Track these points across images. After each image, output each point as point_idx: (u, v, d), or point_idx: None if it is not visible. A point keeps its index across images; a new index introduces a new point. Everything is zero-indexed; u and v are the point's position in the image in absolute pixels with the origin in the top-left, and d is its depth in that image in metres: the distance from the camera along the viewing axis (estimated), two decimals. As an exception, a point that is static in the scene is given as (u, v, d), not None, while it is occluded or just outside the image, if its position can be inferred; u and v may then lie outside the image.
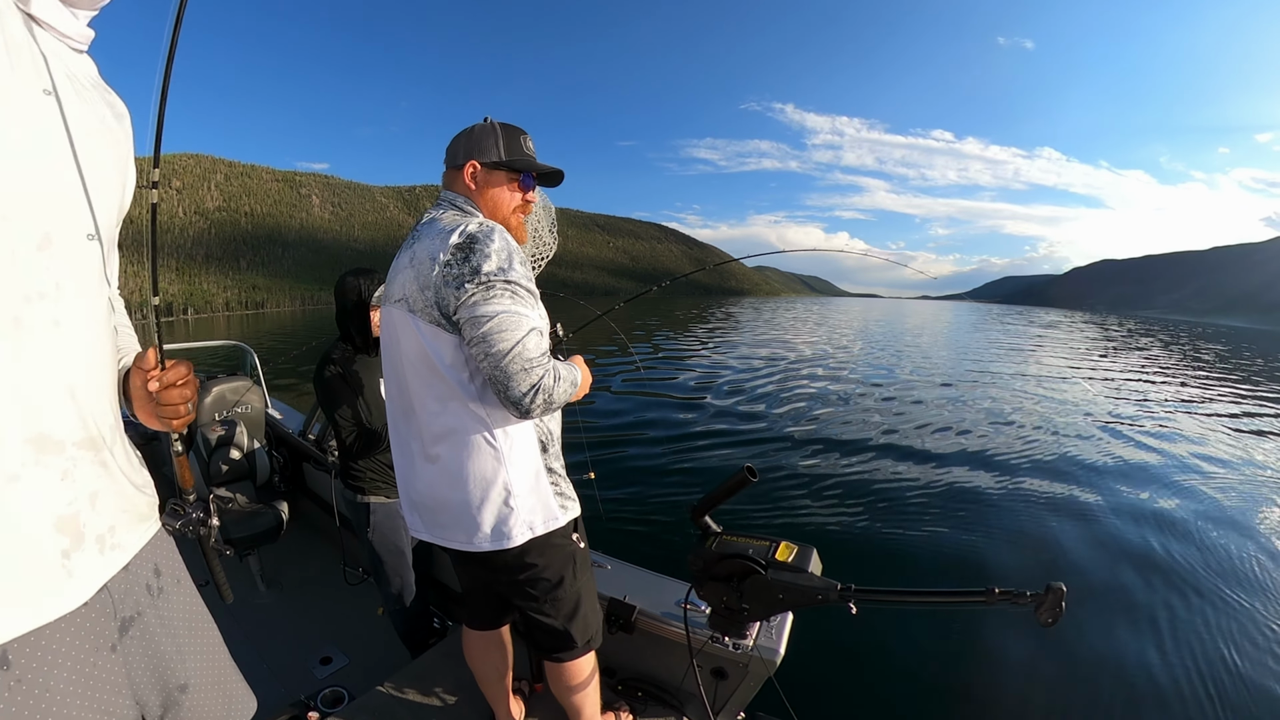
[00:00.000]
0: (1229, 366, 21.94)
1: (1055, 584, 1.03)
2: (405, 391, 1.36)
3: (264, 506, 2.97)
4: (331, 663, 2.49)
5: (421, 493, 1.40)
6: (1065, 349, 26.00)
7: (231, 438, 3.08)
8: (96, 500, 0.83)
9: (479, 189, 1.39)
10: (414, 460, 1.39)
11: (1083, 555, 4.69)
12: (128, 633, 0.89)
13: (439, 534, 1.42)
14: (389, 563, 2.25)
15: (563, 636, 1.51)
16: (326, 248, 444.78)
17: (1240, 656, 3.42)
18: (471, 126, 1.42)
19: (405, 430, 1.40)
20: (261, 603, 2.89)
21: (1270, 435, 9.62)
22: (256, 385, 3.48)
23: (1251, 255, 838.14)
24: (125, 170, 0.93)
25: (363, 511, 2.21)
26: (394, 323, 1.33)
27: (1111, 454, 7.75)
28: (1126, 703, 3.06)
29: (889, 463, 6.97)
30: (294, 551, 3.24)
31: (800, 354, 18.78)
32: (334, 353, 2.16)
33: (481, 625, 1.69)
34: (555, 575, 1.45)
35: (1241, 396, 14.06)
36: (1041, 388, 13.64)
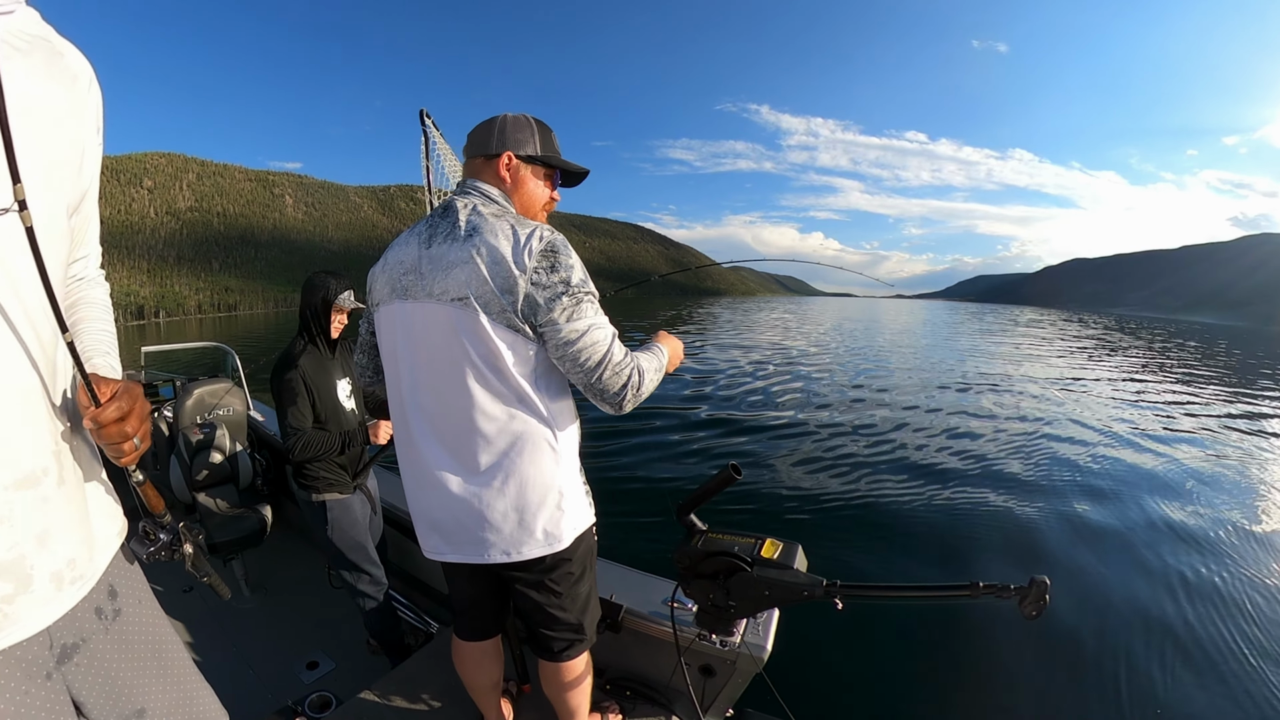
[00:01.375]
0: (1217, 363, 22.62)
1: (1039, 577, 1.05)
2: (446, 397, 1.25)
3: (247, 510, 2.93)
4: (318, 667, 2.46)
5: (454, 509, 1.29)
6: (1051, 347, 26.55)
7: (213, 441, 3.02)
8: (47, 539, 0.75)
9: (513, 182, 1.33)
10: (445, 476, 1.28)
11: (1064, 547, 4.77)
12: (70, 659, 0.83)
13: (471, 551, 1.32)
14: (353, 559, 2.25)
15: (575, 631, 1.49)
16: (300, 248, 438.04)
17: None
18: (502, 116, 1.35)
19: (434, 443, 1.28)
20: (246, 607, 2.85)
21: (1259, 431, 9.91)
22: (238, 387, 3.42)
23: (1219, 253, 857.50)
24: (75, 131, 0.82)
25: (319, 511, 2.20)
26: (438, 322, 1.21)
27: (1099, 447, 7.91)
28: (1110, 688, 3.12)
29: (872, 459, 7.02)
30: (278, 555, 3.20)
31: (783, 352, 18.90)
32: (294, 350, 2.16)
33: (481, 635, 1.63)
34: (579, 570, 1.44)
35: (1236, 395, 14.47)
36: (1028, 384, 13.89)
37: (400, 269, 1.27)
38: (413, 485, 1.37)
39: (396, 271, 1.28)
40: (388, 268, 1.31)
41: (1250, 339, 49.50)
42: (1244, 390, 15.15)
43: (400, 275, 1.27)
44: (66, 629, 0.82)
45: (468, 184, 1.32)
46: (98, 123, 0.88)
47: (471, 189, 1.31)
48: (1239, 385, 16.18)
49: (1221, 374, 18.80)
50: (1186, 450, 8.13)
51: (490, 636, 1.65)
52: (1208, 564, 4.54)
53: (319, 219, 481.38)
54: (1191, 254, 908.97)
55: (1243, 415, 11.18)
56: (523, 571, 1.37)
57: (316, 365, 2.17)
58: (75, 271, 0.98)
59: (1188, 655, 3.40)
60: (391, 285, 1.29)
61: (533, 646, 1.55)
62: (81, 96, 0.84)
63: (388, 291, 1.30)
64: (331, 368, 2.25)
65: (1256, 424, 10.50)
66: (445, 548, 1.36)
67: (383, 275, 1.32)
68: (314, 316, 2.20)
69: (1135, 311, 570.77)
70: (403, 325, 1.27)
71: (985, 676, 3.18)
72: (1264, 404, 12.90)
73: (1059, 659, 3.34)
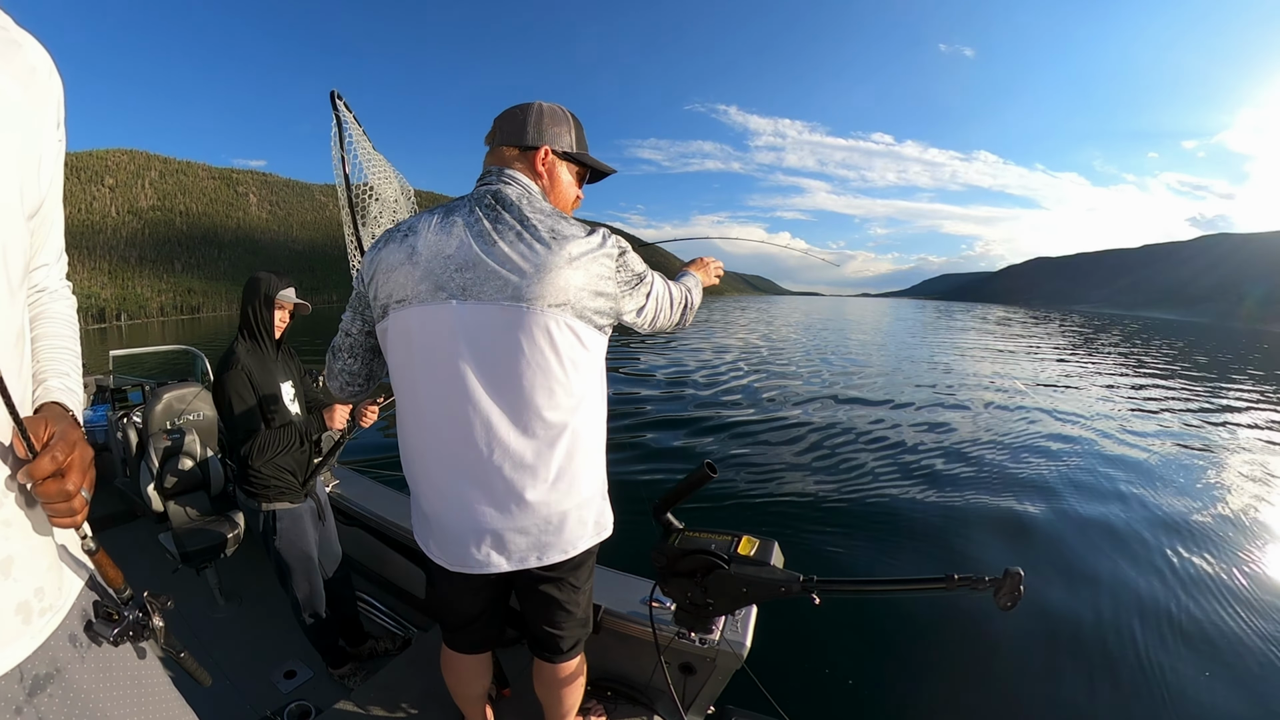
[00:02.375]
0: (1180, 357, 23.39)
1: (1013, 569, 1.06)
2: (510, 401, 1.17)
3: (219, 518, 2.87)
4: (296, 676, 2.42)
5: (511, 520, 1.22)
6: (1020, 343, 27.18)
7: (183, 447, 2.95)
8: (10, 567, 0.70)
9: (549, 178, 1.29)
10: (501, 484, 1.20)
11: (1038, 539, 4.90)
12: (43, 690, 0.77)
13: (537, 555, 1.26)
14: (297, 570, 2.20)
15: (583, 626, 1.48)
16: (264, 248, 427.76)
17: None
18: (538, 105, 1.28)
19: (488, 452, 1.19)
20: (220, 617, 2.80)
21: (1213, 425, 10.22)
22: (207, 391, 3.33)
23: (1178, 252, 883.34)
24: (33, 128, 0.77)
25: (267, 520, 2.15)
26: (518, 325, 1.14)
27: (1071, 440, 8.12)
28: (1083, 674, 3.21)
29: (848, 455, 7.13)
30: (252, 562, 3.13)
31: (755, 351, 19.04)
32: (236, 349, 2.09)
33: (482, 648, 1.58)
34: (592, 564, 1.43)
35: (1202, 387, 14.95)
36: (998, 379, 14.21)
37: (449, 265, 1.15)
38: (445, 497, 1.25)
39: (442, 267, 1.16)
40: (420, 262, 1.17)
41: (1209, 333, 51.42)
42: (1210, 382, 15.74)
43: (453, 272, 1.15)
44: (39, 659, 0.76)
45: (505, 174, 1.24)
46: (58, 118, 0.82)
47: (511, 180, 1.23)
48: (1204, 378, 16.79)
49: (1186, 367, 19.51)
50: (1156, 440, 8.43)
51: (489, 649, 1.61)
52: (1188, 549, 4.73)
53: (283, 218, 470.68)
54: (1152, 253, 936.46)
55: (1207, 407, 11.58)
56: (553, 571, 1.34)
57: (259, 365, 2.11)
58: (36, 281, 0.89)
59: (1164, 639, 3.53)
60: (435, 282, 1.16)
61: (534, 647, 1.53)
62: (41, 90, 0.78)
63: (428, 289, 1.16)
64: (275, 369, 2.18)
65: (1221, 415, 10.91)
66: (505, 561, 1.26)
67: (412, 270, 1.17)
68: (256, 314, 2.13)
69: (1097, 308, 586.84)
70: (462, 327, 1.15)
71: (961, 666, 3.26)
72: (1229, 396, 13.38)
73: (1034, 646, 3.43)
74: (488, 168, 1.28)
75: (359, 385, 1.42)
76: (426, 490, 1.28)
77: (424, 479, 1.28)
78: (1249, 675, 3.28)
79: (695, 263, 1.72)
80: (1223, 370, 19.60)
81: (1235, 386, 15.36)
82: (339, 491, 2.82)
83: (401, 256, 1.19)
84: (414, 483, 1.32)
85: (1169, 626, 3.69)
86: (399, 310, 1.19)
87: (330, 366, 1.41)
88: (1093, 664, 3.33)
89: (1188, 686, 3.16)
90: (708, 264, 1.73)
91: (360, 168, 2.11)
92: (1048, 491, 6.03)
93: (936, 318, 56.60)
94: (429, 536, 1.33)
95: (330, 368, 1.41)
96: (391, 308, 1.21)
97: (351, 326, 1.34)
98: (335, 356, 1.39)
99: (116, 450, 3.23)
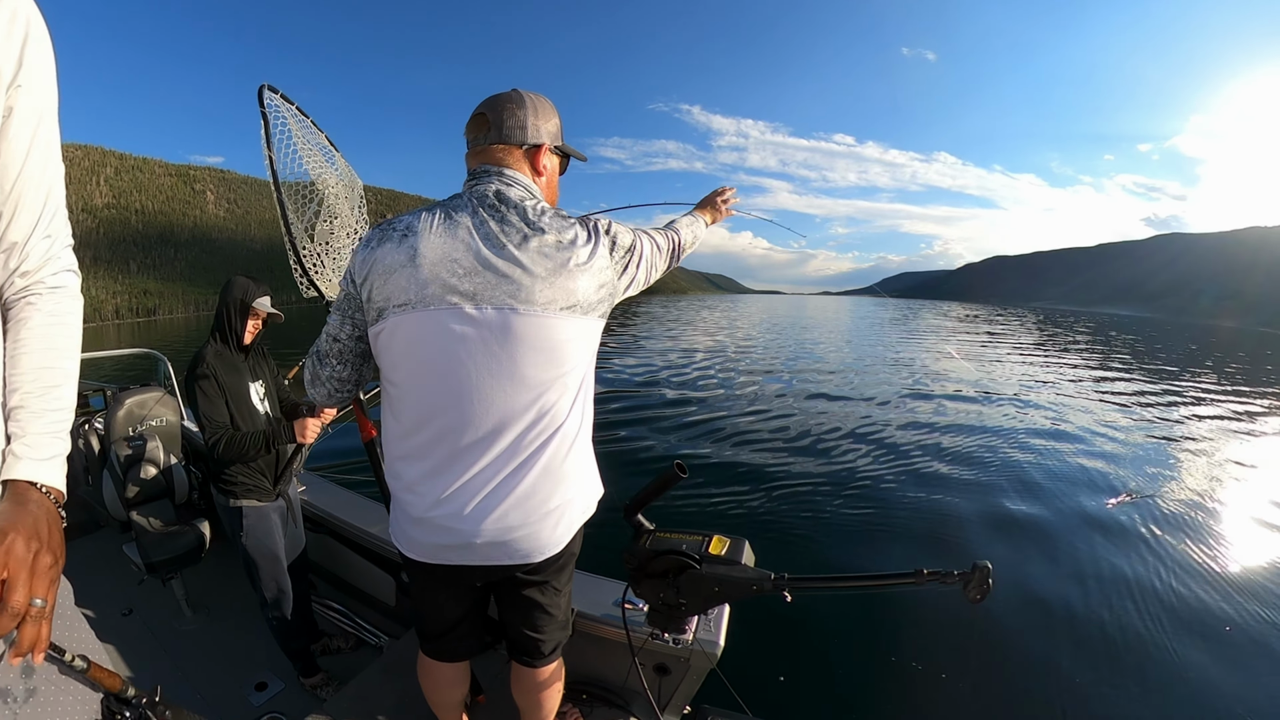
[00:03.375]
0: (1136, 351, 24.18)
1: (981, 562, 1.08)
2: (512, 402, 1.17)
3: (184, 526, 2.80)
4: (267, 688, 2.37)
5: (519, 514, 1.21)
6: (979, 338, 27.84)
7: (145, 454, 2.87)
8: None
9: (545, 174, 1.28)
10: (500, 483, 1.19)
11: (1004, 532, 5.04)
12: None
13: (518, 553, 1.25)
14: (264, 568, 2.20)
15: (563, 629, 1.48)
16: (221, 248, 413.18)
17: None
18: (528, 98, 1.23)
19: (487, 452, 1.18)
20: (188, 629, 2.73)
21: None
22: (170, 396, 3.26)
23: (1133, 251, 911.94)
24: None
25: (235, 516, 2.16)
26: (529, 327, 1.14)
27: (1037, 438, 8.34)
28: (1052, 664, 3.32)
29: (817, 455, 7.24)
30: (219, 572, 3.06)
31: (723, 350, 19.16)
32: (204, 351, 2.12)
33: (463, 656, 1.56)
34: (573, 566, 1.44)
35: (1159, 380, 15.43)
36: (962, 378, 14.51)
37: (457, 269, 1.13)
38: (442, 499, 1.21)
39: (449, 271, 1.13)
40: (424, 265, 1.13)
41: (1163, 328, 53.44)
42: (1169, 374, 16.39)
43: (461, 277, 1.13)
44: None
45: (505, 175, 1.21)
46: (31, 56, 0.70)
47: (513, 181, 1.21)
48: (1162, 370, 17.47)
49: (1145, 360, 20.27)
50: (1122, 430, 8.76)
51: (468, 657, 1.59)
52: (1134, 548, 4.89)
53: (241, 216, 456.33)
54: (1107, 251, 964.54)
55: (1170, 398, 12.01)
56: (537, 574, 1.35)
57: (227, 366, 2.15)
58: (14, 266, 0.75)
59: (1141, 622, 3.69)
60: (443, 285, 1.13)
61: (514, 652, 1.52)
62: None
63: (435, 293, 1.13)
64: (243, 369, 2.22)
65: (1179, 405, 11.35)
66: (497, 556, 1.25)
67: (415, 273, 1.13)
68: (228, 318, 2.17)
69: (1054, 305, 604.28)
70: (472, 331, 1.13)
71: (933, 659, 3.33)
72: (1186, 387, 13.91)
73: (1002, 638, 3.54)
74: (484, 165, 1.23)
75: (347, 391, 1.37)
76: (425, 489, 1.23)
77: (421, 480, 1.23)
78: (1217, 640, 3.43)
79: (703, 203, 1.75)
80: (1179, 362, 20.41)
81: (1193, 378, 16.03)
82: (305, 497, 2.76)
83: (402, 258, 1.14)
84: (408, 483, 1.26)
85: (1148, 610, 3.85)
86: (401, 314, 1.15)
87: (316, 373, 1.35)
88: (1063, 650, 3.44)
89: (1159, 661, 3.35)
90: (716, 201, 1.75)
91: (300, 163, 2.03)
92: (1017, 483, 6.22)
93: (904, 316, 57.68)
94: (416, 537, 1.29)
95: (316, 374, 1.35)
96: (391, 311, 1.16)
97: (340, 331, 1.28)
98: (322, 363, 1.32)
99: (77, 459, 3.12)
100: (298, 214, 2.05)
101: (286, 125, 1.97)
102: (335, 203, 2.17)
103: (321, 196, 2.14)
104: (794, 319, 43.27)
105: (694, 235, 1.59)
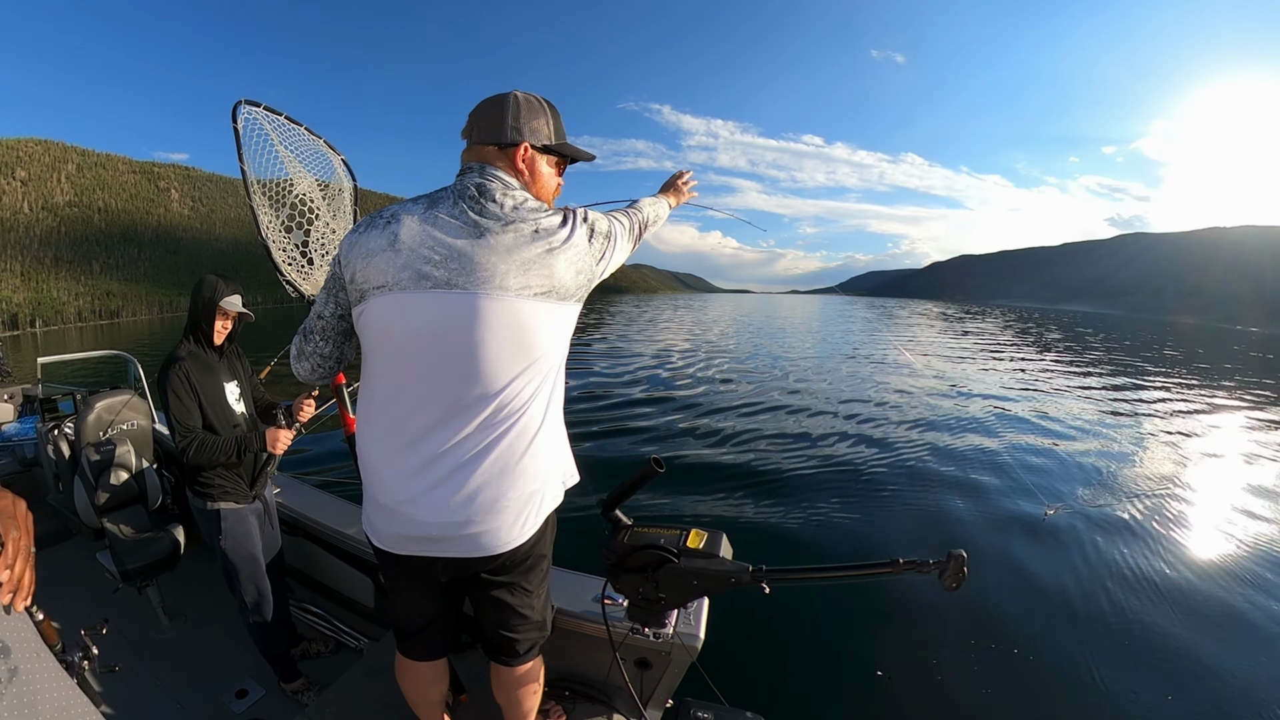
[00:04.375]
0: (1098, 345, 24.82)
1: (956, 551, 1.10)
2: (484, 386, 1.18)
3: (158, 532, 2.74)
4: (248, 695, 2.34)
5: (485, 502, 1.21)
6: (945, 336, 28.32)
7: (118, 459, 2.81)
8: None
9: (530, 172, 1.29)
10: (469, 469, 1.20)
11: (977, 523, 5.15)
12: None
13: (476, 546, 1.25)
14: (243, 571, 2.19)
15: (540, 629, 1.48)
16: (186, 247, 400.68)
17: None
18: (513, 98, 1.26)
19: (457, 437, 1.19)
20: (166, 637, 2.68)
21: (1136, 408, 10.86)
22: (141, 399, 3.17)
23: (1096, 250, 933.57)
24: None
25: (213, 519, 2.15)
26: (502, 312, 1.16)
27: (1001, 429, 8.54)
28: (1027, 657, 3.39)
29: (792, 447, 7.34)
30: (195, 578, 3.01)
31: (695, 348, 19.24)
32: (178, 350, 2.11)
33: (437, 655, 1.57)
34: (546, 567, 1.43)
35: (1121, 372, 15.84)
36: (924, 372, 14.76)
37: (432, 255, 1.16)
38: (408, 482, 1.22)
39: (424, 258, 1.16)
40: (403, 250, 1.17)
41: (1126, 324, 55.02)
42: (1133, 367, 16.91)
43: (438, 262, 1.16)
44: None
45: (486, 170, 1.24)
46: None
47: (493, 176, 1.24)
48: (1127, 363, 18.02)
49: (1110, 355, 20.93)
50: (1086, 420, 8.98)
51: (442, 656, 1.60)
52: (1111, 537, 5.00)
53: (206, 215, 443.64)
54: (1072, 250, 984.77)
55: (1134, 391, 12.37)
56: (501, 573, 1.34)
57: (201, 366, 2.13)
58: None
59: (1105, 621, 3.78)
60: (416, 271, 1.16)
61: (490, 651, 1.52)
62: None
63: (410, 277, 1.17)
64: (218, 369, 2.20)
65: (1144, 395, 11.69)
66: (438, 544, 1.25)
67: (393, 258, 1.18)
68: (196, 318, 2.15)
69: (1019, 302, 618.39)
70: (444, 315, 1.16)
71: (911, 648, 3.41)
72: (1150, 380, 14.32)
73: (977, 627, 3.62)
74: (468, 163, 1.28)
75: (329, 368, 1.41)
76: (387, 473, 1.26)
77: (384, 463, 1.26)
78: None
79: (665, 186, 1.85)
80: (1143, 356, 21.05)
81: (1154, 372, 16.53)
82: (281, 500, 2.73)
83: (383, 243, 1.19)
84: (372, 466, 1.29)
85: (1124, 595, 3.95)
86: (378, 295, 1.20)
87: (301, 348, 1.40)
88: (1038, 637, 3.53)
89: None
90: (678, 185, 1.84)
91: (276, 164, 2.06)
92: (991, 471, 6.36)
93: (876, 315, 58.46)
94: (378, 524, 1.30)
95: (301, 349, 1.40)
96: (370, 293, 1.21)
97: (325, 309, 1.33)
98: (306, 339, 1.38)
99: (48, 465, 3.04)
100: (276, 213, 2.06)
101: (266, 136, 1.99)
102: (315, 205, 2.17)
103: (303, 199, 2.15)
104: (765, 317, 43.58)
105: (655, 214, 1.64)
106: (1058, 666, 3.31)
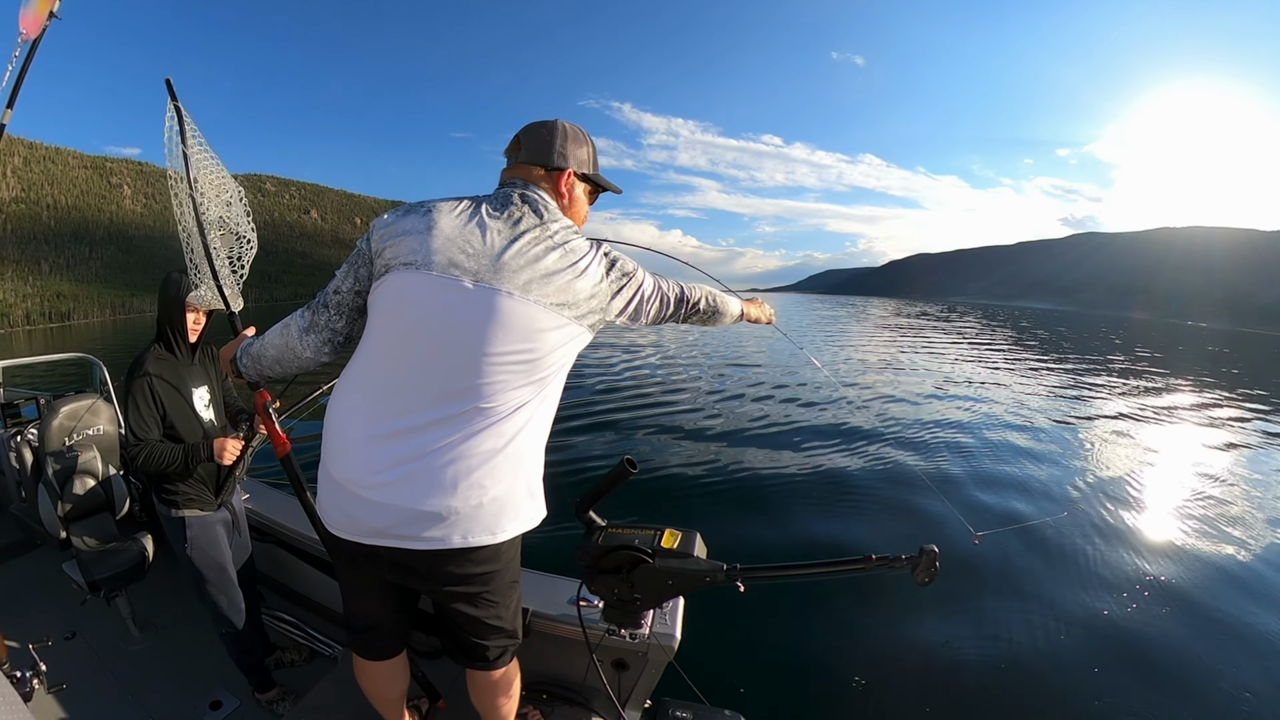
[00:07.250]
0: (1052, 340, 25.56)
1: (928, 547, 1.14)
2: (482, 379, 1.19)
3: (126, 540, 2.66)
4: (222, 707, 2.29)
5: (446, 497, 1.19)
6: (903, 333, 28.88)
7: (83, 465, 2.72)
8: None
9: (569, 198, 1.36)
10: (448, 463, 1.19)
11: (948, 520, 5.23)
12: None
13: (418, 536, 1.21)
14: (212, 580, 2.16)
15: (510, 636, 1.47)
16: (139, 246, 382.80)
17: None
18: (560, 126, 1.34)
19: (444, 427, 1.19)
20: (136, 649, 2.61)
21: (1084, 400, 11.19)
22: (107, 403, 3.07)
23: (1051, 249, 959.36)
24: None
25: (178, 526, 2.11)
26: (516, 314, 1.19)
27: (971, 428, 8.76)
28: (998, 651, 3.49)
29: (764, 445, 7.45)
30: (166, 587, 2.94)
31: (663, 348, 19.26)
32: (145, 354, 2.06)
33: (386, 655, 1.58)
34: (515, 575, 1.42)
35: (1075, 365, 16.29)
36: (893, 371, 15.05)
37: (467, 248, 1.21)
38: (371, 464, 1.22)
39: (459, 248, 1.20)
40: (439, 236, 1.21)
41: (1078, 320, 56.90)
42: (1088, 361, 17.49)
43: (471, 254, 1.20)
44: None
45: (530, 187, 1.31)
46: None
47: (537, 194, 1.30)
48: (1077, 357, 18.62)
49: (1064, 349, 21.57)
50: (1042, 414, 9.25)
51: (395, 655, 1.60)
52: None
53: (159, 212, 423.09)
54: (1026, 249, 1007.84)
55: (1085, 385, 12.76)
56: (459, 584, 1.31)
57: (169, 370, 2.08)
58: None
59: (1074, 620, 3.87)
60: (448, 258, 1.20)
61: (461, 657, 1.51)
62: None
63: (441, 262, 1.20)
64: (188, 374, 2.15)
65: (1095, 389, 12.06)
66: (389, 533, 1.23)
67: (429, 240, 1.21)
68: (168, 317, 2.10)
69: (974, 299, 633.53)
70: (460, 302, 1.19)
71: (887, 644, 3.47)
72: (1100, 372, 14.80)
73: (953, 617, 3.74)
74: (511, 179, 1.34)
75: (337, 344, 1.41)
76: (351, 451, 1.25)
77: (351, 441, 1.25)
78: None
79: (752, 300, 1.92)
80: (1094, 350, 21.78)
81: (1107, 364, 17.14)
82: (250, 506, 2.67)
83: (420, 226, 1.23)
84: (337, 441, 1.28)
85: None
86: (404, 271, 1.22)
87: (313, 320, 1.38)
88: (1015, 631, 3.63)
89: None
90: (761, 304, 1.94)
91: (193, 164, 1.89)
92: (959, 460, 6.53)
93: (840, 312, 59.30)
94: (333, 503, 1.28)
95: (313, 321, 1.38)
96: (397, 267, 1.23)
97: (344, 284, 1.35)
98: (319, 312, 1.38)
99: (10, 473, 2.91)
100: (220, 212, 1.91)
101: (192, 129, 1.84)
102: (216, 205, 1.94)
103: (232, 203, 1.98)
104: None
105: (713, 303, 1.65)
106: (1032, 663, 3.39)
